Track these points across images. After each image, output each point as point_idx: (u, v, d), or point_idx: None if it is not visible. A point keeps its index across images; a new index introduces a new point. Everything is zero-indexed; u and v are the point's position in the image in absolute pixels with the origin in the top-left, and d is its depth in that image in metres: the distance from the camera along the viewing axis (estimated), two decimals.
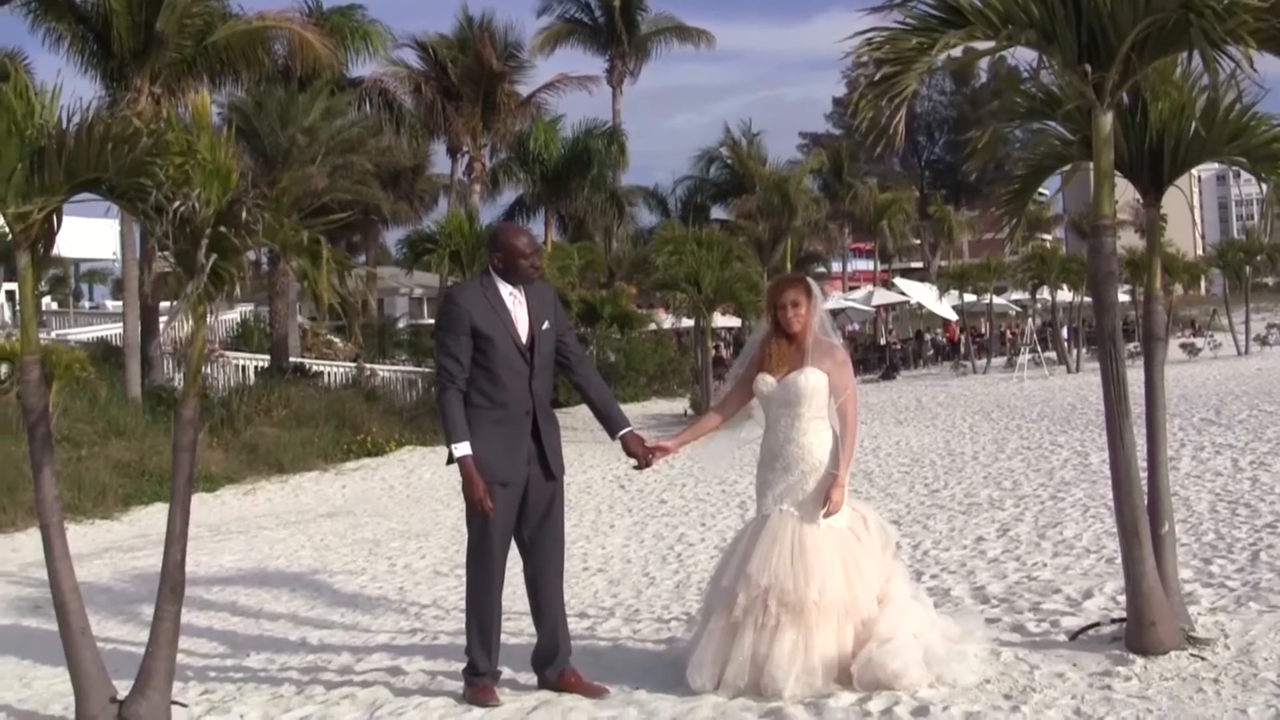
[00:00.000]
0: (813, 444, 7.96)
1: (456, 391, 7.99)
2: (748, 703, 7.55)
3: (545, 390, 8.29)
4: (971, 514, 15.11)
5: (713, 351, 39.86)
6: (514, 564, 8.25)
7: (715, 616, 8.00)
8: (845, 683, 7.62)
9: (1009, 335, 62.66)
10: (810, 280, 8.37)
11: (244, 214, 7.39)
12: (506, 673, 8.47)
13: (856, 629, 7.76)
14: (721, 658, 7.83)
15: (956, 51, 8.33)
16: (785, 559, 7.71)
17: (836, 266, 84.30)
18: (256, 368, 37.66)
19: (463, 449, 7.90)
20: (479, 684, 8.20)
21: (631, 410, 32.37)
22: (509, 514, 8.08)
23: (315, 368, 38.75)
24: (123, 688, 7.78)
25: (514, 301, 8.17)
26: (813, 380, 7.97)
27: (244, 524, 21.48)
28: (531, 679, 8.48)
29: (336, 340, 47.44)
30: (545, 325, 8.24)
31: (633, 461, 8.50)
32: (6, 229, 7.50)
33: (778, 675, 7.55)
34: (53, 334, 40.91)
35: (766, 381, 8.12)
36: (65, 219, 7.78)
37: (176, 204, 7.19)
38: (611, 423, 8.47)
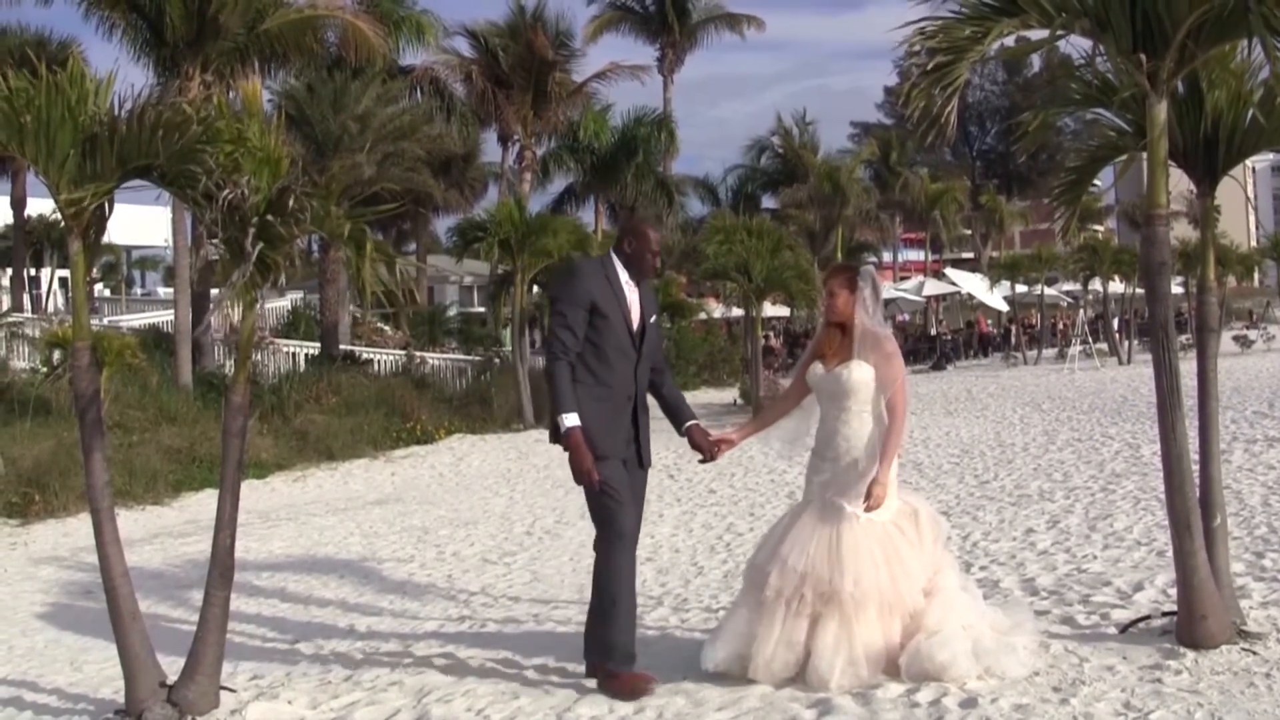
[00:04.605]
0: (857, 437, 7.93)
1: (567, 364, 7.99)
2: (795, 693, 7.54)
3: (645, 380, 8.32)
4: (1021, 505, 15.04)
5: (763, 341, 39.75)
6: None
7: (745, 594, 8.04)
8: (893, 674, 7.61)
9: (1060, 326, 62.34)
10: (862, 270, 8.25)
11: (291, 202, 7.41)
12: (554, 661, 8.47)
13: (904, 621, 7.73)
14: (740, 633, 7.88)
15: (1009, 40, 8.29)
16: (822, 549, 7.69)
17: (887, 256, 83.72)
18: (307, 355, 37.84)
19: (572, 419, 7.87)
20: (629, 671, 8.06)
21: None
22: (628, 483, 8.07)
23: (365, 355, 38.82)
24: (172, 672, 7.84)
25: (629, 288, 8.24)
26: (857, 374, 7.93)
27: (293, 511, 21.58)
28: (579, 667, 8.47)
29: (386, 328, 47.54)
30: (653, 319, 8.36)
31: (698, 455, 8.51)
32: (60, 215, 7.55)
33: (821, 666, 7.54)
34: (105, 320, 41.20)
35: (816, 371, 8.10)
36: (117, 205, 7.82)
37: (225, 191, 7.21)
38: (680, 416, 8.51)
